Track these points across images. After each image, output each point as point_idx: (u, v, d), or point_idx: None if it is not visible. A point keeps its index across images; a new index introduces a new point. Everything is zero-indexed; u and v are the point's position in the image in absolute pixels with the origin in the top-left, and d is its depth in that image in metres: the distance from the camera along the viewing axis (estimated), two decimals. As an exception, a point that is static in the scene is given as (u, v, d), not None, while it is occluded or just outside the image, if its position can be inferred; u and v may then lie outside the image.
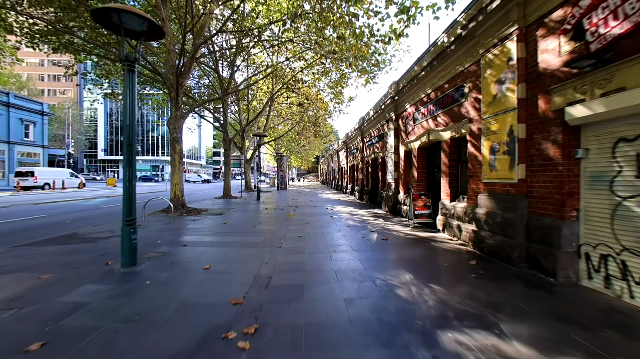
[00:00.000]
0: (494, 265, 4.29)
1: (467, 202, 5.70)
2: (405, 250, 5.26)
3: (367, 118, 14.26)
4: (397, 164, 9.99)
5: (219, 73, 15.70)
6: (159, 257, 4.72)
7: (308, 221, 8.39)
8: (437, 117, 7.05)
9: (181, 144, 10.41)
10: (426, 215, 7.69)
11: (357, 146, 17.42)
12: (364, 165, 15.94)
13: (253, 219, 8.83)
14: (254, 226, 7.52)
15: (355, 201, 15.16)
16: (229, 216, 9.27)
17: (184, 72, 10.30)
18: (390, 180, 10.41)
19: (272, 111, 22.14)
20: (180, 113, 10.37)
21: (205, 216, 9.16)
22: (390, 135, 10.49)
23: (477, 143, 5.35)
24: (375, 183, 13.95)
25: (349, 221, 8.42)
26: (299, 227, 7.48)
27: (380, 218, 9.00)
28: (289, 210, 11.17)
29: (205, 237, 6.24)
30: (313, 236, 6.37)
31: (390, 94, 10.26)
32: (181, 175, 10.42)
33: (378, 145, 12.75)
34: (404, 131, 9.42)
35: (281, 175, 26.76)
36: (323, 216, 9.60)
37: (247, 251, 5.13)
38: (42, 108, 30.65)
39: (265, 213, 10.12)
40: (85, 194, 19.32)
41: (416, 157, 8.38)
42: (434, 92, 7.20)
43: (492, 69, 4.74)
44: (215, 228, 7.25)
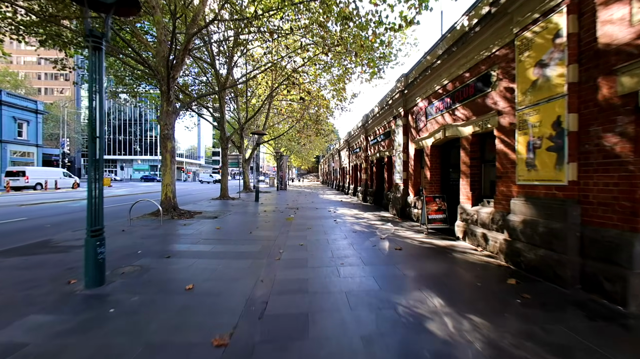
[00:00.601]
0: (539, 286, 3.53)
1: (495, 207, 4.95)
2: (424, 262, 4.51)
3: (372, 116, 13.51)
4: (406, 164, 9.23)
5: (216, 68, 14.96)
6: (135, 273, 3.97)
7: (310, 226, 7.64)
8: (455, 110, 6.30)
9: (173, 142, 9.67)
10: (441, 220, 6.94)
11: (360, 145, 16.67)
12: (367, 164, 15.19)
13: (250, 223, 8.08)
14: (250, 232, 6.77)
15: (358, 203, 14.40)
16: (224, 220, 8.52)
17: (176, 64, 9.56)
18: (398, 180, 9.66)
19: (271, 109, 21.40)
20: (172, 108, 9.63)
21: (198, 220, 8.41)
22: (398, 133, 9.74)
23: (509, 138, 4.60)
24: (381, 184, 13.21)
25: (355, 226, 7.67)
26: (300, 233, 6.74)
27: (389, 223, 8.25)
28: (289, 212, 10.42)
29: (194, 246, 5.49)
30: (316, 245, 5.62)
31: (398, 88, 9.51)
32: (173, 175, 9.68)
33: (384, 143, 12.01)
34: (414, 128, 8.67)
35: (281, 175, 26.00)
36: (326, 219, 8.85)
37: (241, 265, 4.39)
38: (36, 106, 29.93)
39: (264, 216, 9.37)
40: (77, 195, 18.57)
41: (429, 155, 7.63)
42: (451, 83, 6.45)
43: (532, 50, 3.99)
44: (207, 235, 6.50)
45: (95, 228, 3.45)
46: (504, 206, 4.68)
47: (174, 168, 9.71)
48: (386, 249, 5.32)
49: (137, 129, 60.19)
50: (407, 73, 8.98)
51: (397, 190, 9.70)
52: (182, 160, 68.58)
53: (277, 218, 9.13)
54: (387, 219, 9.03)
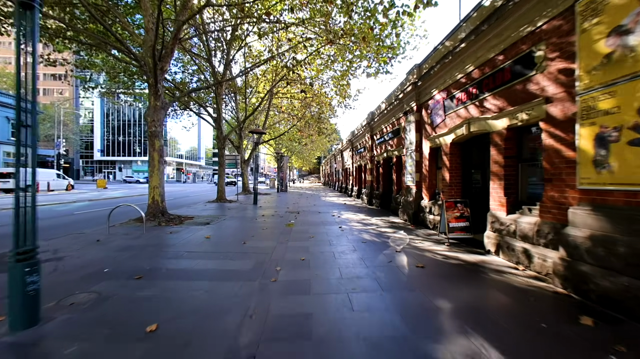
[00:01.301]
0: (629, 330, 2.60)
1: (541, 217, 4.02)
2: (457, 287, 3.58)
3: (378, 113, 12.61)
4: (419, 164, 8.31)
5: (212, 63, 14.10)
6: (88, 304, 3.06)
7: (312, 234, 6.72)
8: (483, 101, 5.38)
9: (161, 140, 8.79)
10: (463, 229, 6.01)
11: (365, 144, 15.76)
12: (373, 165, 14.27)
13: (245, 231, 7.18)
14: (243, 243, 5.86)
15: (363, 207, 13.48)
16: (216, 227, 7.61)
17: (165, 54, 8.70)
18: (410, 183, 8.74)
19: (271, 108, 20.55)
20: (161, 103, 8.76)
21: (187, 227, 7.51)
22: (409, 130, 8.83)
23: (563, 131, 3.68)
24: (389, 186, 12.28)
25: (364, 235, 6.75)
26: (301, 243, 5.82)
27: (401, 230, 7.32)
28: (289, 217, 9.51)
29: (175, 261, 4.58)
30: (320, 260, 4.71)
31: (410, 81, 8.60)
32: (161, 177, 8.79)
33: (392, 142, 11.09)
34: (429, 124, 7.76)
35: (281, 176, 25.12)
36: (330, 226, 7.94)
37: (227, 289, 3.47)
38: (31, 105, 29.15)
39: (261, 222, 8.46)
40: (68, 197, 17.74)
41: (448, 154, 6.71)
42: (478, 69, 5.53)
43: (604, 15, 3.07)
44: (194, 246, 5.59)
45: (24, 249, 2.57)
46: (556, 216, 3.75)
47: (162, 169, 8.83)
48: (405, 266, 4.39)
49: (137, 130, 59.52)
50: (421, 64, 8.07)
51: (409, 194, 8.77)
52: (182, 161, 67.90)
53: (276, 224, 8.22)
54: (398, 226, 8.10)
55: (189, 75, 17.88)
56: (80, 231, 6.97)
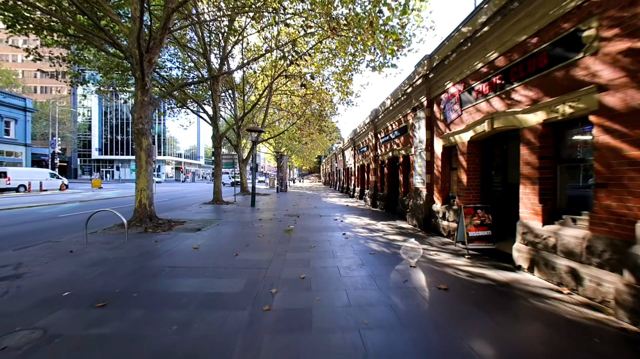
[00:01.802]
0: None
1: (592, 230, 3.31)
2: (495, 321, 2.88)
3: (383, 110, 11.89)
4: (430, 164, 7.61)
5: (208, 57, 13.39)
6: (23, 350, 2.37)
7: (313, 243, 6.03)
8: (511, 92, 4.67)
9: (149, 139, 8.09)
10: (484, 238, 5.31)
11: (368, 143, 15.05)
12: (377, 165, 13.56)
13: (239, 239, 6.49)
14: (235, 255, 5.17)
15: (367, 209, 12.78)
16: (207, 234, 6.93)
17: (153, 45, 7.99)
18: (420, 185, 8.04)
19: (271, 106, 19.84)
20: (149, 98, 8.05)
21: (176, 234, 6.83)
22: (418, 127, 8.12)
23: (625, 126, 2.98)
24: (394, 188, 11.57)
25: (371, 244, 6.05)
26: (301, 255, 5.13)
27: (412, 238, 6.63)
28: (288, 221, 8.82)
29: (152, 281, 3.89)
30: (323, 278, 4.01)
31: (419, 73, 7.89)
32: (149, 178, 8.10)
33: (398, 140, 10.38)
34: (442, 120, 7.05)
35: (281, 176, 24.42)
36: (333, 232, 7.25)
37: (207, 324, 2.78)
38: (24, 104, 28.54)
39: (258, 228, 7.77)
40: (59, 198, 17.07)
41: (465, 154, 6.00)
42: (504, 56, 4.82)
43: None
44: (179, 259, 4.90)
45: None
46: (614, 229, 3.05)
47: (150, 169, 8.14)
48: (425, 288, 3.70)
49: (135, 129, 58.80)
50: (432, 54, 7.35)
51: (418, 197, 8.06)
52: (181, 160, 67.28)
53: (274, 229, 7.53)
54: (408, 232, 7.41)
55: (185, 72, 17.20)
56: (58, 238, 6.28)
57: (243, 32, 13.52)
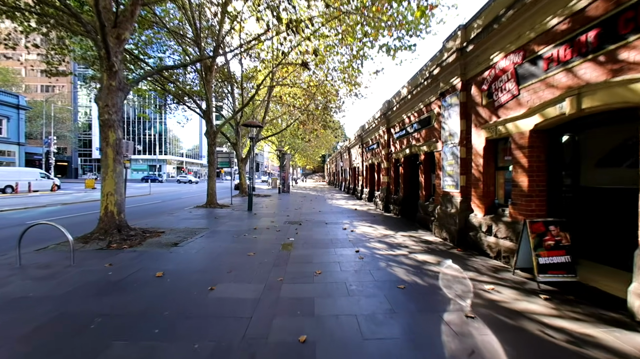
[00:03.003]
0: None
1: None
2: None
3: (398, 100, 10.31)
4: (466, 162, 6.03)
5: (200, 43, 11.92)
6: None
7: (319, 267, 4.51)
8: (618, 51, 3.08)
9: (118, 132, 6.63)
10: (562, 267, 3.73)
11: (379, 140, 13.47)
12: (390, 164, 11.98)
13: (222, 259, 4.99)
14: (210, 289, 3.67)
15: (379, 214, 11.22)
16: (183, 252, 5.44)
17: (124, 20, 6.55)
18: (451, 188, 6.46)
19: (271, 101, 18.35)
20: (118, 83, 6.60)
21: (143, 253, 5.36)
22: (448, 117, 6.54)
23: None
24: (413, 191, 9.99)
25: (395, 269, 4.51)
26: (301, 291, 3.61)
27: (448, 259, 5.06)
28: (288, 231, 7.31)
29: (55, 353, 2.40)
30: (336, 344, 2.48)
31: (451, 49, 6.31)
32: (119, 180, 6.64)
33: (418, 135, 8.80)
34: (485, 105, 5.47)
35: (283, 176, 22.93)
36: (343, 249, 5.72)
37: None
38: (17, 101, 27.48)
39: (250, 241, 6.27)
40: (43, 200, 15.79)
41: (526, 147, 4.42)
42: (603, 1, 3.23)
43: None
44: (125, 299, 3.41)
45: None
46: None
47: (120, 169, 6.67)
48: (511, 372, 2.15)
49: (136, 128, 57.95)
50: (470, 22, 5.76)
51: (448, 203, 6.49)
52: (183, 160, 66.28)
53: (270, 243, 6.02)
54: (438, 248, 5.84)
55: (178, 63, 15.78)
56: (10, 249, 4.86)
57: (239, 14, 12.04)
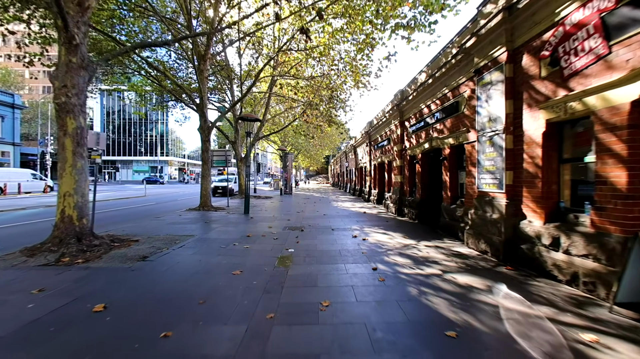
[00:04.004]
0: None
1: None
2: None
3: (415, 89, 9.02)
4: (516, 155, 4.71)
5: (191, 28, 10.76)
6: None
7: (326, 293, 3.22)
8: None
9: (80, 119, 5.42)
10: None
11: (390, 135, 12.17)
12: (404, 162, 10.66)
13: (197, 280, 3.72)
14: (163, 336, 2.40)
15: (391, 218, 9.90)
16: (149, 270, 4.19)
17: (88, -18, 5.38)
18: (491, 188, 5.14)
19: (273, 97, 17.16)
20: (79, 60, 5.41)
21: (96, 272, 4.12)
22: (488, 98, 5.24)
23: None
24: (433, 192, 8.65)
25: (432, 299, 3.20)
26: (299, 336, 2.31)
27: (500, 283, 3.73)
28: (287, 240, 6.02)
29: None
30: None
31: (491, 14, 5.01)
32: (80, 177, 5.42)
33: (442, 125, 7.49)
34: (544, 78, 4.16)
35: (285, 176, 21.68)
36: (355, 264, 4.42)
37: None
38: (12, 100, 26.72)
39: (239, 253, 5.00)
40: (26, 202, 14.72)
41: (622, 128, 3.11)
42: None
43: None
44: (29, 355, 2.16)
45: None
46: None
47: (81, 165, 5.45)
48: None
49: (137, 129, 57.29)
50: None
51: (488, 206, 5.15)
52: (185, 161, 65.47)
53: (264, 257, 4.75)
54: (478, 265, 4.52)
55: (172, 53, 14.69)
56: None
57: None
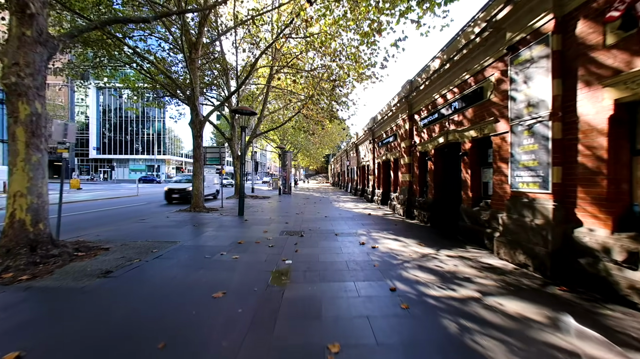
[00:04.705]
0: None
1: None
2: None
3: (428, 76, 8.12)
4: (563, 146, 3.82)
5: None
6: None
7: (333, 329, 2.31)
8: None
9: (35, 104, 4.52)
10: None
11: (397, 131, 11.27)
12: (413, 159, 9.77)
13: (162, 308, 2.82)
14: None
15: (400, 221, 9.01)
16: (105, 292, 3.28)
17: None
18: (531, 187, 4.24)
19: (271, 91, 16.25)
20: (37, 34, 4.51)
21: (37, 293, 3.21)
22: (528, 79, 4.35)
23: None
24: (449, 192, 7.75)
25: (480, 339, 2.29)
26: None
27: (560, 311, 2.83)
28: (283, 247, 5.13)
29: None
30: None
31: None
32: (35, 174, 4.52)
33: (461, 116, 6.60)
34: (610, 46, 3.27)
35: (284, 175, 20.78)
36: (369, 283, 3.52)
37: None
38: (1, 95, 25.73)
39: (225, 268, 4.10)
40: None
41: None
42: None
43: None
44: None
45: None
46: None
47: (36, 159, 4.54)
48: None
49: (134, 127, 56.29)
50: None
51: (527, 209, 4.25)
52: (183, 160, 64.50)
53: (253, 273, 3.84)
54: (521, 284, 3.62)
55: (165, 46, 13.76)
56: None
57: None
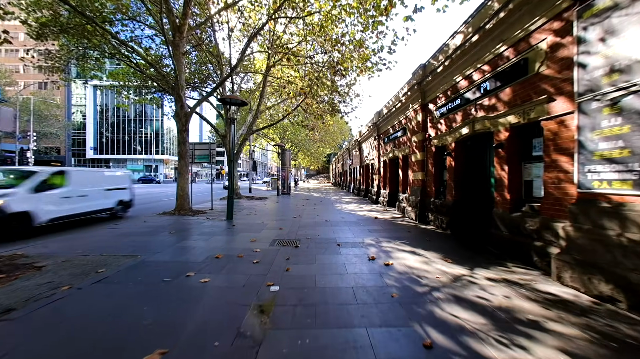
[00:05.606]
0: None
1: None
2: None
3: (447, 56, 6.89)
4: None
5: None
6: None
7: None
8: None
9: None
10: None
11: (407, 123, 10.04)
12: (427, 155, 8.53)
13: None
14: None
15: (413, 227, 7.77)
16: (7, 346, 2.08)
17: None
18: (616, 187, 3.01)
19: (268, 85, 15.06)
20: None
21: None
22: (611, 32, 3.12)
23: None
24: (473, 193, 6.51)
25: None
26: None
27: None
28: (271, 265, 3.92)
29: None
30: None
31: None
32: None
33: (494, 99, 5.37)
34: None
35: (283, 175, 19.58)
36: (387, 330, 2.27)
37: None
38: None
39: (186, 298, 2.88)
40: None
41: None
42: None
43: None
44: None
45: None
46: None
47: None
48: None
49: (132, 127, 55.27)
50: None
51: (608, 219, 3.02)
52: (182, 160, 63.28)
53: (222, 308, 2.62)
54: (618, 332, 2.40)
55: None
56: None
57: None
